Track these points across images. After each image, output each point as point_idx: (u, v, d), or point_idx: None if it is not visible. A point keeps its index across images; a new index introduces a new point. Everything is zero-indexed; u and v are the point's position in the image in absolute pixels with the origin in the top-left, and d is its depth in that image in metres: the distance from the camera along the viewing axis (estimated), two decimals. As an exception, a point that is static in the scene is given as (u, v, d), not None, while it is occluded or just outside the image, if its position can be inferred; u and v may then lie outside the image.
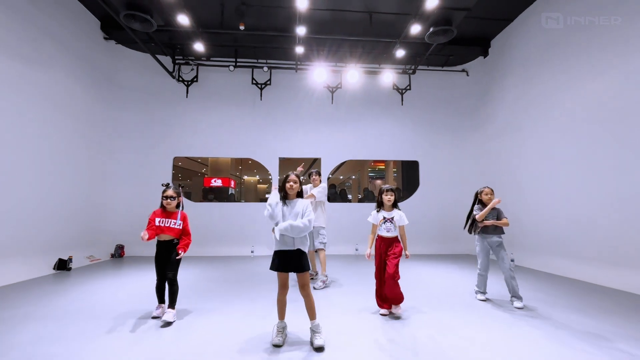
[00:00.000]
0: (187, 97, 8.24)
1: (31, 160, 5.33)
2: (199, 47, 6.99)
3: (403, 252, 3.34)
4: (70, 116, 6.27)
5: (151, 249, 3.32)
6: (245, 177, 16.05)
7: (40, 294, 4.06)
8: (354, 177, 16.18)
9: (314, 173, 5.35)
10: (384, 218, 3.35)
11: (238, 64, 8.29)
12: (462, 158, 8.63)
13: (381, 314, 3.32)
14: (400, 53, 7.18)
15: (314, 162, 10.47)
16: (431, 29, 5.85)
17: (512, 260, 6.34)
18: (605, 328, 2.98)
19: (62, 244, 5.90)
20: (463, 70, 8.87)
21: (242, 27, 6.98)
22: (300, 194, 2.78)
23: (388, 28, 7.22)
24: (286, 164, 10.29)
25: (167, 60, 8.10)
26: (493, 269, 4.52)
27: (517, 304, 3.57)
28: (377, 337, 2.77)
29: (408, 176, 9.68)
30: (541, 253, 6.08)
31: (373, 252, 3.47)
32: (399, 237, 3.37)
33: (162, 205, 3.26)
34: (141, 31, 6.41)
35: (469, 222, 3.97)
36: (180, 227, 3.24)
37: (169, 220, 3.21)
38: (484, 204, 3.84)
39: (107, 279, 5.07)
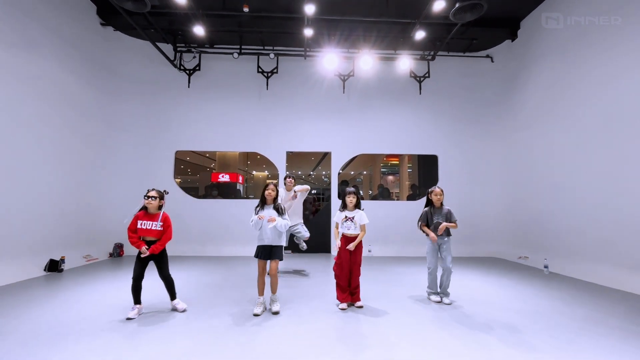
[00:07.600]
0: (188, 86, 7.74)
1: (21, 155, 4.92)
2: (199, 30, 6.46)
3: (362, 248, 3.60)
4: (64, 107, 5.84)
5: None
6: (255, 173, 15.61)
7: (16, 303, 3.63)
8: (365, 172, 15.54)
9: (286, 176, 5.35)
10: (346, 217, 3.57)
11: (243, 51, 7.74)
12: (487, 152, 7.88)
13: (340, 308, 3.45)
14: (419, 35, 6.48)
15: (324, 157, 9.89)
16: (457, 4, 5.15)
17: (546, 267, 5.64)
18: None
19: (56, 243, 5.52)
20: (487, 56, 8.09)
21: (246, 9, 6.42)
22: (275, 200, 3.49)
23: (406, 7, 6.52)
24: (294, 158, 9.72)
25: (168, 48, 7.63)
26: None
27: (445, 300, 3.78)
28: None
29: (425, 172, 9.00)
30: (581, 259, 5.37)
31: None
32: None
33: (143, 207, 3.33)
34: (137, 13, 5.94)
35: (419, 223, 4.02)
36: (161, 229, 3.28)
37: (150, 222, 3.27)
38: (433, 204, 3.93)
39: (100, 281, 4.68)
